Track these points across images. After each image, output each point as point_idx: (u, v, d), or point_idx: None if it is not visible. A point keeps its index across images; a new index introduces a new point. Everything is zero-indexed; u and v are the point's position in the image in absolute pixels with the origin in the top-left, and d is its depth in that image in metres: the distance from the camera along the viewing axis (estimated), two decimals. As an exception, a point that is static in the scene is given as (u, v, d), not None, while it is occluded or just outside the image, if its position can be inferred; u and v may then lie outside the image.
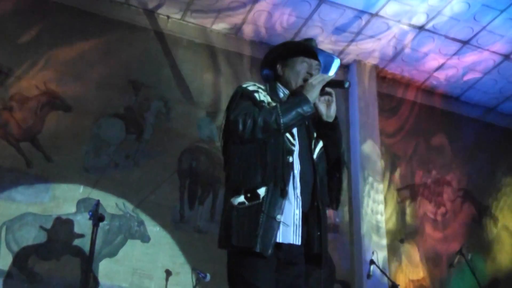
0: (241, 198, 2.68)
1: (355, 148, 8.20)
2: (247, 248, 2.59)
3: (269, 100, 2.85)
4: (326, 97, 2.88)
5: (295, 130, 2.81)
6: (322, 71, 3.04)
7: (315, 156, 2.87)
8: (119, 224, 6.59)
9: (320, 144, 2.93)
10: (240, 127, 2.65)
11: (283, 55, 3.03)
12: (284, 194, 2.67)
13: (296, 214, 2.72)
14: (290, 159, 2.74)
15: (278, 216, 2.64)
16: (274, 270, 2.68)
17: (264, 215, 2.62)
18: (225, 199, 2.79)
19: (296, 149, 2.80)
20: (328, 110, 2.89)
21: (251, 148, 2.70)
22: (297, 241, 2.71)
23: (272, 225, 2.62)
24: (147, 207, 6.79)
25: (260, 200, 2.65)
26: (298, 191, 2.74)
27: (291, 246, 2.70)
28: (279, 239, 2.65)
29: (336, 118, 2.92)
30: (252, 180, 2.66)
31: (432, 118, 9.26)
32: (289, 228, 2.69)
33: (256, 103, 2.79)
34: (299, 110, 2.71)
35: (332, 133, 2.93)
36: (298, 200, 2.74)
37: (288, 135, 2.77)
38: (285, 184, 2.68)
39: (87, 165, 6.72)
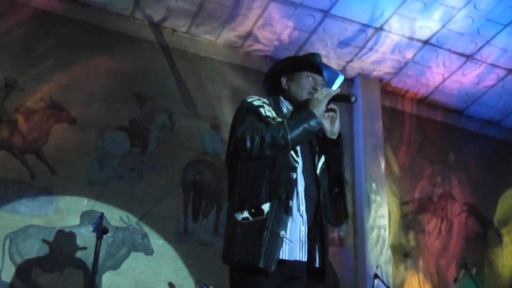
0: (245, 214, 2.67)
1: (359, 162, 8.19)
2: (251, 264, 2.58)
3: (274, 115, 2.84)
4: (331, 114, 2.86)
5: (298, 146, 2.79)
6: (325, 87, 3.02)
7: (318, 171, 2.86)
8: (123, 237, 6.58)
9: (323, 159, 2.92)
10: (248, 144, 2.64)
11: (288, 69, 3.02)
12: (288, 210, 2.66)
13: (302, 230, 2.72)
14: (294, 176, 2.72)
15: (282, 232, 2.62)
16: (277, 286, 2.68)
17: (268, 231, 2.61)
18: (229, 214, 2.78)
19: (300, 165, 2.78)
20: (332, 127, 2.88)
21: (257, 164, 2.70)
22: (303, 257, 2.71)
23: (276, 241, 2.61)
24: (151, 220, 6.78)
25: (265, 216, 2.63)
26: (303, 207, 2.73)
27: (295, 261, 2.69)
28: (285, 256, 2.65)
29: (339, 135, 2.91)
30: (257, 196, 2.66)
31: (436, 132, 9.26)
32: (295, 244, 2.68)
33: (262, 118, 2.78)
34: (306, 125, 2.70)
35: (335, 149, 2.92)
36: (304, 216, 2.73)
37: (291, 151, 2.76)
38: (289, 200, 2.67)
39: (91, 177, 6.72)
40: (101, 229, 4.72)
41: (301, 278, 2.76)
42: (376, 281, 6.64)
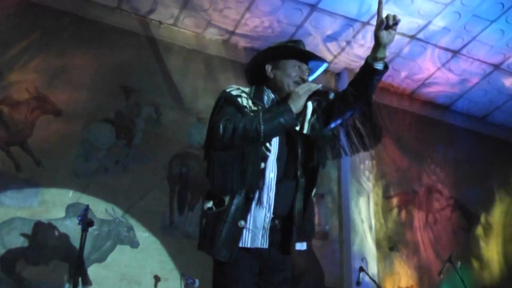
0: (210, 204, 2.72)
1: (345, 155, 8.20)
2: (208, 254, 2.66)
3: (251, 104, 2.84)
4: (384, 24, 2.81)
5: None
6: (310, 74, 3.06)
7: (300, 150, 2.86)
8: (108, 230, 6.56)
9: (307, 124, 2.92)
10: (220, 132, 2.66)
11: (274, 57, 3.01)
12: (249, 200, 2.68)
13: (267, 217, 2.72)
14: (262, 165, 2.71)
15: (241, 222, 2.65)
16: (256, 275, 2.70)
17: (225, 222, 2.64)
18: (202, 203, 2.84)
19: (274, 153, 2.77)
20: (389, 34, 2.89)
21: (229, 154, 2.69)
22: (265, 244, 2.71)
23: (233, 231, 2.64)
24: (137, 213, 6.76)
25: (224, 207, 2.67)
26: (272, 193, 2.72)
27: (257, 249, 2.71)
28: (247, 244, 2.67)
29: (386, 66, 3.01)
30: (223, 186, 2.67)
31: (423, 127, 9.30)
32: (257, 232, 2.69)
33: (239, 108, 2.79)
34: (281, 120, 2.69)
35: (379, 77, 3.04)
36: (271, 203, 2.72)
37: None
38: (252, 191, 2.68)
39: (77, 169, 6.68)
40: (86, 222, 4.72)
41: (283, 270, 2.78)
42: (361, 274, 6.68)
